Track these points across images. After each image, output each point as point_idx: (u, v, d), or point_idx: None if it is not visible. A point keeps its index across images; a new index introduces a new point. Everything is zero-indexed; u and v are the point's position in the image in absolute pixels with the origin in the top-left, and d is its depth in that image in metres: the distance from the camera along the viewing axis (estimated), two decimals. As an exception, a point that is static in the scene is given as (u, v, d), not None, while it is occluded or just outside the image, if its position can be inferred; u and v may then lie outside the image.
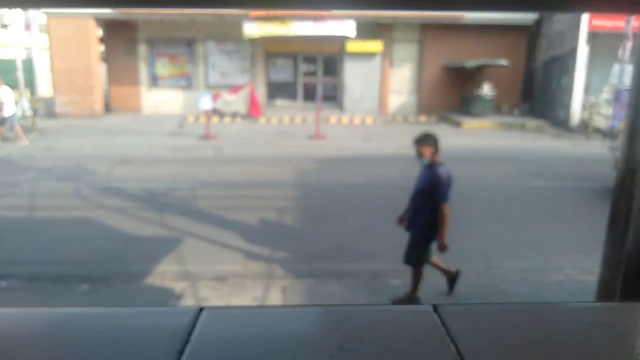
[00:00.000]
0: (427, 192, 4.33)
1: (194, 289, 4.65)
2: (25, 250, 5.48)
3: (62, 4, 0.59)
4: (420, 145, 4.39)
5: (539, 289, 4.74)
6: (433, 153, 4.34)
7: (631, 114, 2.29)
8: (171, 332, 1.15)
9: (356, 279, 4.88)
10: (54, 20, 15.88)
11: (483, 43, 16.82)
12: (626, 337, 1.24)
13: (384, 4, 0.63)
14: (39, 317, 1.31)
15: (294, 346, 1.14)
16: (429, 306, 1.29)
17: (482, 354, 1.12)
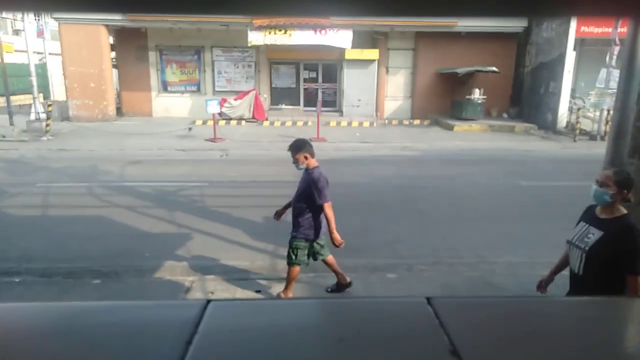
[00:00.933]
0: (306, 195, 4.26)
1: (202, 282, 4.65)
2: (38, 247, 5.48)
3: (70, 9, 0.58)
4: (294, 153, 4.29)
5: (526, 281, 4.74)
6: (307, 158, 4.25)
7: (617, 117, 2.29)
8: (180, 324, 1.15)
9: (354, 273, 4.88)
10: (66, 27, 15.87)
11: (474, 50, 16.83)
12: (615, 331, 1.24)
13: (379, 11, 0.62)
14: (51, 312, 1.31)
15: (296, 337, 1.14)
16: (422, 298, 1.29)
17: (474, 344, 1.12)
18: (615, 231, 2.55)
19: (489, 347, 1.13)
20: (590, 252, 2.62)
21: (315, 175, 4.18)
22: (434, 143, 13.40)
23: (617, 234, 2.55)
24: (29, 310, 1.34)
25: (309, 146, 4.29)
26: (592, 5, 0.54)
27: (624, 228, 2.54)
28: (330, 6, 0.64)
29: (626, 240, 2.51)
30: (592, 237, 2.62)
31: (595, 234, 2.61)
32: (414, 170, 9.72)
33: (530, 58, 17.43)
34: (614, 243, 2.53)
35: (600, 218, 2.63)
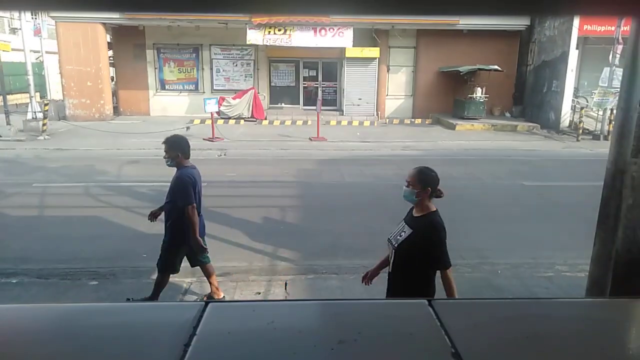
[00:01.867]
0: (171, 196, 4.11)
1: (200, 284, 4.64)
2: (35, 248, 5.48)
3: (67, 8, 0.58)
4: (167, 148, 4.14)
5: (530, 284, 4.74)
6: (179, 157, 4.10)
7: (620, 116, 2.29)
8: (178, 326, 1.15)
9: (354, 274, 4.87)
10: (63, 26, 15.86)
11: (476, 48, 16.82)
12: (616, 332, 1.24)
13: (380, 9, 0.63)
14: (49, 313, 1.31)
15: (295, 339, 1.14)
16: (423, 300, 1.29)
17: (475, 346, 1.12)
18: (422, 228, 2.68)
19: (490, 349, 1.13)
20: (399, 248, 2.75)
21: (181, 175, 4.06)
22: (436, 142, 13.40)
23: (423, 231, 2.68)
24: (26, 311, 1.34)
25: (185, 145, 4.18)
26: (594, 4, 0.54)
27: (429, 225, 2.67)
28: (330, 5, 0.64)
29: (431, 236, 2.64)
30: (403, 234, 2.74)
31: (406, 231, 2.73)
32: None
33: (533, 56, 17.43)
34: (420, 240, 2.66)
35: (414, 217, 2.77)
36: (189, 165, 4.16)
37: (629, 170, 2.24)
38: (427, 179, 2.71)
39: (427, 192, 2.68)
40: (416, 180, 2.70)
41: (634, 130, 2.21)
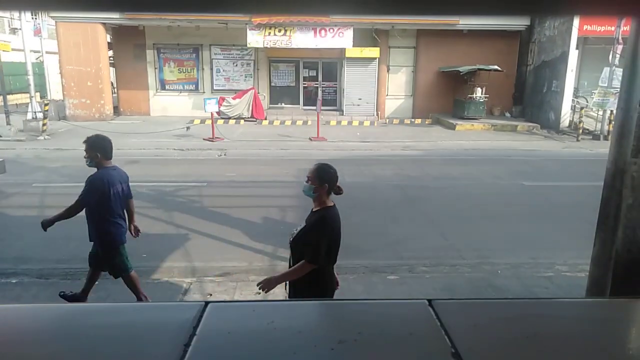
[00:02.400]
0: None
1: (200, 284, 4.64)
2: (35, 248, 5.48)
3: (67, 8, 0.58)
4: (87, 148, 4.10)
5: (530, 284, 4.74)
6: (96, 157, 4.03)
7: (620, 116, 2.29)
8: (178, 326, 1.15)
9: (355, 274, 4.88)
10: (63, 26, 15.87)
11: (476, 48, 16.83)
12: (616, 332, 1.24)
13: (380, 9, 0.63)
14: (49, 313, 1.31)
15: (295, 339, 1.14)
16: (424, 301, 1.29)
17: (476, 346, 1.12)
18: (311, 222, 2.76)
19: (490, 349, 1.13)
20: (292, 242, 2.83)
21: (94, 176, 4.00)
22: (436, 142, 13.40)
23: (311, 224, 2.76)
24: (27, 311, 1.34)
25: (105, 145, 4.10)
26: (594, 4, 0.54)
27: (318, 217, 2.74)
28: (330, 5, 0.64)
29: (314, 229, 2.71)
30: (297, 229, 2.82)
31: (301, 226, 2.82)
32: (415, 170, 9.72)
33: (533, 57, 17.43)
34: (307, 233, 2.73)
35: (312, 211, 2.85)
36: (110, 166, 4.07)
37: (629, 170, 2.24)
38: (324, 175, 2.76)
39: (324, 188, 2.75)
40: (315, 177, 2.75)
41: (634, 130, 2.21)
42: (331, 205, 2.82)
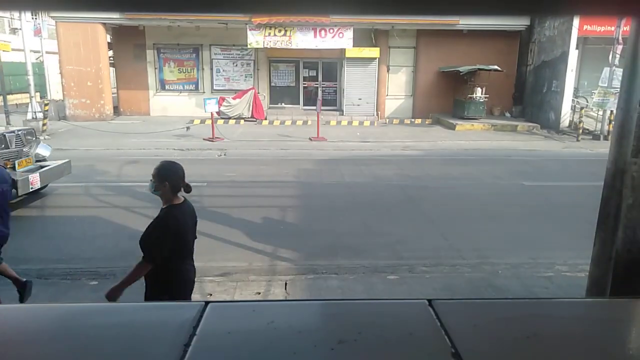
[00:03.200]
0: None
1: (200, 284, 4.64)
2: (35, 248, 5.48)
3: (67, 8, 0.58)
4: None
5: (530, 284, 4.74)
6: None
7: (620, 116, 2.29)
8: (178, 326, 1.15)
9: (355, 274, 4.88)
10: (63, 26, 15.87)
11: (476, 48, 16.83)
12: (616, 332, 1.24)
13: (380, 9, 0.63)
14: (49, 313, 1.31)
15: (295, 339, 1.14)
16: (424, 300, 1.29)
17: (476, 347, 1.12)
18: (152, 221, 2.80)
19: (490, 349, 1.13)
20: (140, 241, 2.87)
21: None
22: (436, 142, 13.40)
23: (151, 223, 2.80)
24: (26, 311, 1.34)
25: None
26: (594, 4, 0.54)
27: (157, 217, 2.77)
28: (330, 4, 0.64)
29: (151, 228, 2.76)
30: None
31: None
32: (416, 170, 9.72)
33: (533, 57, 17.44)
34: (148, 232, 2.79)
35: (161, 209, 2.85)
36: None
37: (629, 170, 2.25)
38: (165, 173, 2.77)
39: (165, 186, 2.75)
40: (156, 175, 2.76)
41: (634, 130, 2.21)
42: (178, 202, 2.83)
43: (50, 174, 7.12)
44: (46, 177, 7.00)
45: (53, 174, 7.23)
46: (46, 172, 6.99)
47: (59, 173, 7.41)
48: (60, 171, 7.42)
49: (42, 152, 7.57)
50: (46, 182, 7.12)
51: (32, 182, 6.61)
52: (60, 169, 7.39)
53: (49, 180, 7.21)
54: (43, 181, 6.92)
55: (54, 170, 7.22)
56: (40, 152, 7.51)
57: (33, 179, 6.65)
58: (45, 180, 7.03)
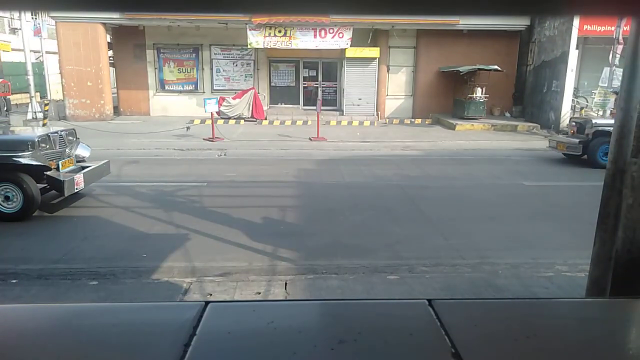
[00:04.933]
0: None
1: (200, 284, 4.64)
2: (35, 248, 5.48)
3: (67, 8, 0.58)
4: None
5: (530, 284, 4.74)
6: None
7: (620, 116, 2.29)
8: (178, 326, 1.15)
9: (355, 274, 4.88)
10: (63, 26, 15.88)
11: (476, 48, 16.84)
12: (616, 332, 1.24)
13: (380, 9, 0.63)
14: (49, 313, 1.31)
15: (295, 339, 1.14)
16: (424, 300, 1.29)
17: (476, 347, 1.12)
18: None
19: (490, 349, 1.13)
20: None
21: None
22: (436, 142, 13.40)
23: None
24: (27, 311, 1.34)
25: None
26: (594, 4, 0.54)
27: None
28: (330, 4, 0.64)
29: None
30: None
31: None
32: (416, 170, 9.72)
33: (533, 57, 17.44)
34: None
35: None
36: None
37: (629, 170, 2.24)
38: None
39: None
40: None
41: (634, 130, 2.21)
42: None
43: (92, 174, 7.03)
44: (89, 177, 6.92)
45: (95, 174, 7.15)
46: (89, 173, 6.91)
47: (100, 174, 7.32)
48: (101, 172, 7.34)
49: (82, 152, 7.47)
50: (89, 182, 7.00)
51: (77, 183, 6.56)
52: (100, 170, 7.31)
53: (92, 181, 7.09)
54: (86, 182, 6.83)
55: (95, 170, 7.13)
56: (80, 153, 7.41)
57: (78, 180, 6.59)
58: (89, 181, 6.93)
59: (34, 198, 6.24)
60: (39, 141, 6.39)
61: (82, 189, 6.92)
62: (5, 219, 6.20)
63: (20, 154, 6.18)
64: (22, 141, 6.40)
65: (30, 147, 6.28)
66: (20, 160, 6.16)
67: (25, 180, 6.18)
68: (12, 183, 6.15)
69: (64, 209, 6.96)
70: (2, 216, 6.21)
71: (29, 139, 6.40)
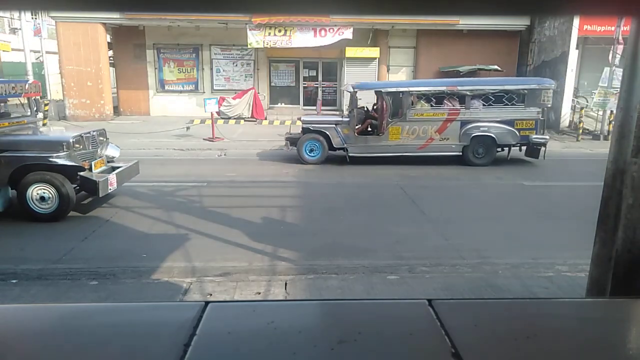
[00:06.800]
0: None
1: (200, 284, 4.65)
2: (35, 248, 5.48)
3: (67, 8, 0.58)
4: None
5: (530, 284, 4.74)
6: None
7: (620, 116, 2.29)
8: (178, 326, 1.15)
9: (355, 274, 4.88)
10: (63, 26, 15.88)
11: (476, 48, 16.84)
12: (616, 332, 1.24)
13: (380, 9, 0.63)
14: (49, 313, 1.31)
15: (295, 338, 1.14)
16: (424, 300, 1.29)
17: (476, 347, 1.12)
18: None
19: (490, 349, 1.13)
20: None
21: None
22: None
23: None
24: (26, 312, 1.34)
25: None
26: (594, 4, 0.54)
27: None
28: (330, 5, 0.64)
29: None
30: None
31: None
32: (415, 170, 9.72)
33: (533, 56, 17.44)
34: None
35: None
36: None
37: (629, 170, 2.24)
38: None
39: None
40: None
41: (634, 130, 2.21)
42: None
43: (124, 175, 6.99)
44: (121, 178, 6.89)
45: (126, 174, 7.11)
46: (121, 173, 6.88)
47: (130, 174, 7.29)
48: (131, 172, 7.31)
49: (112, 153, 7.41)
50: (121, 183, 6.94)
51: (110, 183, 6.54)
52: (131, 170, 7.28)
53: (123, 181, 7.03)
54: (119, 182, 6.79)
55: (126, 171, 7.09)
56: (110, 153, 7.36)
57: (112, 180, 6.57)
58: (121, 181, 6.89)
59: (69, 198, 6.22)
60: (73, 142, 6.38)
61: (115, 189, 6.85)
62: (40, 220, 6.19)
63: (55, 155, 6.16)
64: (57, 142, 6.37)
65: (65, 147, 6.27)
66: (57, 160, 6.14)
67: (61, 180, 6.17)
68: (48, 183, 6.14)
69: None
70: (38, 217, 6.20)
71: (64, 139, 6.39)
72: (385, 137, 9.99)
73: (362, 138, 10.17)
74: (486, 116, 9.99)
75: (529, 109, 9.99)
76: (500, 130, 9.92)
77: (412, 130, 9.96)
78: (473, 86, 10.22)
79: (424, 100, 10.18)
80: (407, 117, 9.95)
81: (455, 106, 10.04)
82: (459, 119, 9.95)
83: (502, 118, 9.96)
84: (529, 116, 9.95)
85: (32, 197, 6.18)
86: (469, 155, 10.01)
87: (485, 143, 9.97)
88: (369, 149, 10.09)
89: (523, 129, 9.96)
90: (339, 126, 10.04)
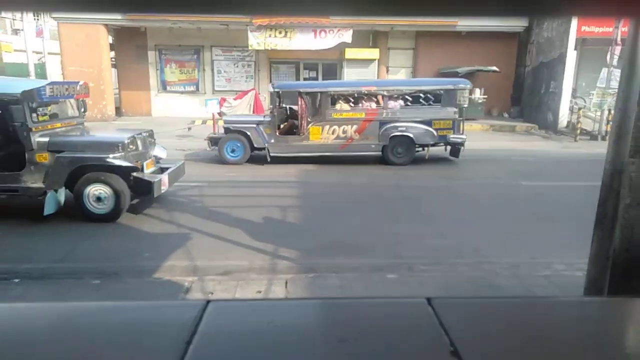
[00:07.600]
0: None
1: (201, 283, 4.65)
2: (37, 247, 5.48)
3: (69, 9, 0.58)
4: None
5: (528, 283, 4.74)
6: None
7: (618, 117, 2.29)
8: (179, 324, 1.15)
9: (354, 273, 4.88)
10: (65, 27, 15.90)
11: (475, 49, 16.85)
12: (613, 331, 1.24)
13: (380, 11, 0.63)
14: (51, 312, 1.31)
15: (295, 337, 1.14)
16: (423, 299, 1.29)
17: (475, 345, 1.12)
18: None
19: (489, 347, 1.13)
20: None
21: None
22: (435, 143, 13.38)
23: None
24: (29, 310, 1.34)
25: None
26: (594, 5, 0.54)
27: None
28: (330, 5, 0.64)
29: None
30: None
31: None
32: (414, 170, 9.72)
33: (531, 57, 17.44)
34: None
35: None
36: None
37: (627, 170, 2.25)
38: None
39: None
40: None
41: (631, 130, 2.21)
42: None
43: (174, 175, 6.98)
44: (172, 178, 6.89)
45: (176, 175, 7.11)
46: (172, 174, 6.88)
47: (179, 174, 7.28)
48: (179, 173, 7.31)
49: (159, 153, 7.39)
50: (171, 183, 6.92)
51: (163, 184, 6.54)
52: (179, 171, 7.29)
53: (173, 181, 7.02)
54: (170, 183, 6.78)
55: (175, 171, 7.09)
56: (158, 154, 7.35)
57: (164, 181, 6.56)
58: (172, 181, 6.88)
59: (125, 199, 6.23)
60: (128, 143, 6.40)
61: (167, 190, 6.83)
62: (96, 220, 6.19)
63: (112, 155, 6.16)
64: (113, 143, 6.36)
65: (121, 148, 6.27)
66: (114, 161, 6.13)
67: (116, 181, 6.17)
68: (104, 184, 6.14)
69: (64, 208, 6.95)
70: (94, 217, 6.20)
71: (119, 140, 6.39)
72: (306, 137, 10.00)
73: (284, 138, 10.16)
74: (405, 116, 9.97)
75: (445, 109, 9.98)
76: (418, 130, 9.87)
77: (332, 130, 9.94)
78: (389, 86, 10.27)
79: (342, 101, 10.19)
80: (327, 117, 9.95)
81: (375, 107, 10.03)
82: (377, 119, 9.93)
83: (420, 118, 9.93)
84: (446, 116, 9.93)
85: (89, 197, 6.17)
86: (388, 154, 9.98)
87: (404, 143, 9.93)
88: (291, 149, 10.05)
89: (441, 128, 9.93)
90: (260, 126, 10.04)
